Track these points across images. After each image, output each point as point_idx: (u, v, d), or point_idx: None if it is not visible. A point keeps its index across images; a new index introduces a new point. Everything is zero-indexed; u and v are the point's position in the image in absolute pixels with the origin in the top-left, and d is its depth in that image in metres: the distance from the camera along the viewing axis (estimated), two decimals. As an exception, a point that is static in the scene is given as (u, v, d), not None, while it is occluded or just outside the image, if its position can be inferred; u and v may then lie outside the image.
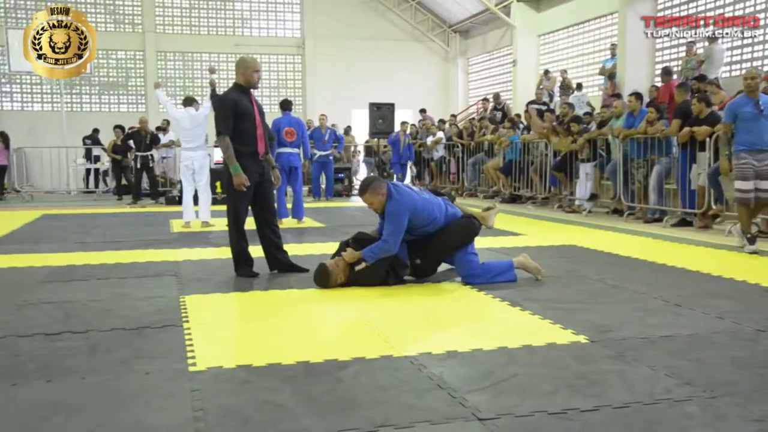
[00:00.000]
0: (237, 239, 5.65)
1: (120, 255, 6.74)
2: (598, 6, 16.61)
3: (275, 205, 5.98)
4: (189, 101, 9.62)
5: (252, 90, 5.72)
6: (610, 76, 14.58)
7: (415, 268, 5.34)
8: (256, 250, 5.73)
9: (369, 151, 17.39)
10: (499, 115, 15.57)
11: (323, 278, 5.10)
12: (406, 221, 5.07)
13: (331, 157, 14.31)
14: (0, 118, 19.52)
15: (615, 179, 10.13)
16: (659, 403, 2.77)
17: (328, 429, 2.54)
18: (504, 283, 5.20)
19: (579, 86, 15.82)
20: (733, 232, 7.40)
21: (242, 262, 5.66)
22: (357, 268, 5.07)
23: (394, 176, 15.57)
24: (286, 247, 5.91)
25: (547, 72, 16.86)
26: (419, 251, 5.29)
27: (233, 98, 5.54)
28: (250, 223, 5.73)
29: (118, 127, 15.36)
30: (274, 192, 6.51)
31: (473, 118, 17.58)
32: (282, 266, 5.78)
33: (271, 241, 5.75)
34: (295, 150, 9.63)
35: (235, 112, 5.47)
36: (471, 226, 5.37)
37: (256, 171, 5.59)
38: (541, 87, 15.78)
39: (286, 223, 9.39)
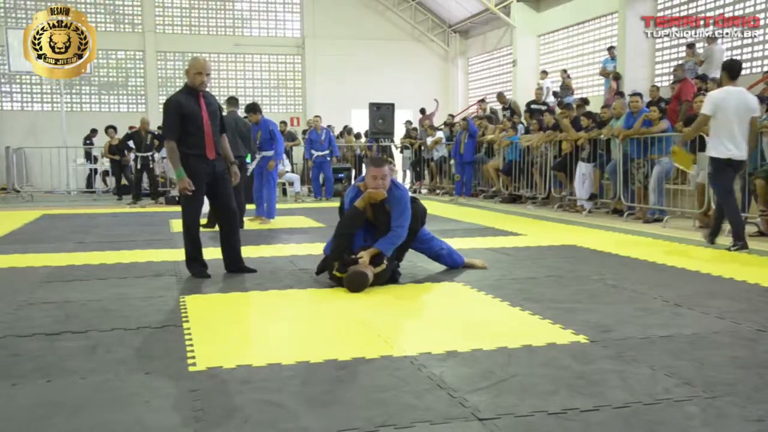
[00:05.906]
0: (187, 241, 5.62)
1: (120, 255, 6.73)
2: (597, 6, 16.62)
3: (233, 203, 5.71)
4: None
5: (201, 91, 5.47)
6: (615, 77, 14.57)
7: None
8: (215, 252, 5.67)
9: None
10: (508, 114, 15.55)
11: (362, 286, 4.94)
12: None
13: (328, 158, 14.39)
14: (0, 118, 19.52)
15: (615, 179, 10.13)
16: (659, 403, 2.76)
17: (328, 429, 2.54)
18: (504, 283, 5.21)
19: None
20: None
21: (195, 261, 5.63)
22: (376, 270, 5.02)
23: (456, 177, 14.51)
24: (288, 247, 5.91)
25: (545, 71, 16.89)
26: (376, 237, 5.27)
27: (178, 100, 5.40)
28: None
29: (111, 128, 15.37)
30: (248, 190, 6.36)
31: (474, 118, 17.56)
32: (232, 266, 5.75)
33: (225, 240, 5.73)
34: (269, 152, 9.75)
35: (180, 115, 5.36)
36: (421, 210, 5.45)
37: (205, 172, 5.48)
38: (540, 88, 15.80)
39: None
